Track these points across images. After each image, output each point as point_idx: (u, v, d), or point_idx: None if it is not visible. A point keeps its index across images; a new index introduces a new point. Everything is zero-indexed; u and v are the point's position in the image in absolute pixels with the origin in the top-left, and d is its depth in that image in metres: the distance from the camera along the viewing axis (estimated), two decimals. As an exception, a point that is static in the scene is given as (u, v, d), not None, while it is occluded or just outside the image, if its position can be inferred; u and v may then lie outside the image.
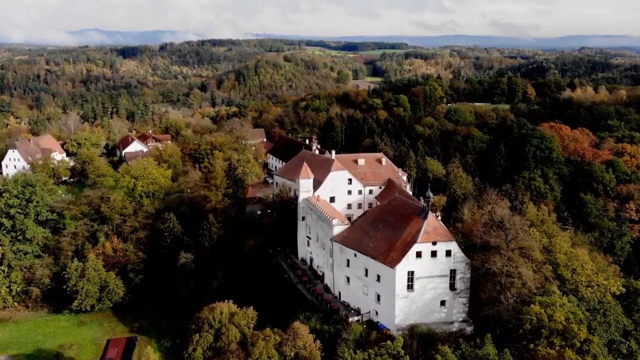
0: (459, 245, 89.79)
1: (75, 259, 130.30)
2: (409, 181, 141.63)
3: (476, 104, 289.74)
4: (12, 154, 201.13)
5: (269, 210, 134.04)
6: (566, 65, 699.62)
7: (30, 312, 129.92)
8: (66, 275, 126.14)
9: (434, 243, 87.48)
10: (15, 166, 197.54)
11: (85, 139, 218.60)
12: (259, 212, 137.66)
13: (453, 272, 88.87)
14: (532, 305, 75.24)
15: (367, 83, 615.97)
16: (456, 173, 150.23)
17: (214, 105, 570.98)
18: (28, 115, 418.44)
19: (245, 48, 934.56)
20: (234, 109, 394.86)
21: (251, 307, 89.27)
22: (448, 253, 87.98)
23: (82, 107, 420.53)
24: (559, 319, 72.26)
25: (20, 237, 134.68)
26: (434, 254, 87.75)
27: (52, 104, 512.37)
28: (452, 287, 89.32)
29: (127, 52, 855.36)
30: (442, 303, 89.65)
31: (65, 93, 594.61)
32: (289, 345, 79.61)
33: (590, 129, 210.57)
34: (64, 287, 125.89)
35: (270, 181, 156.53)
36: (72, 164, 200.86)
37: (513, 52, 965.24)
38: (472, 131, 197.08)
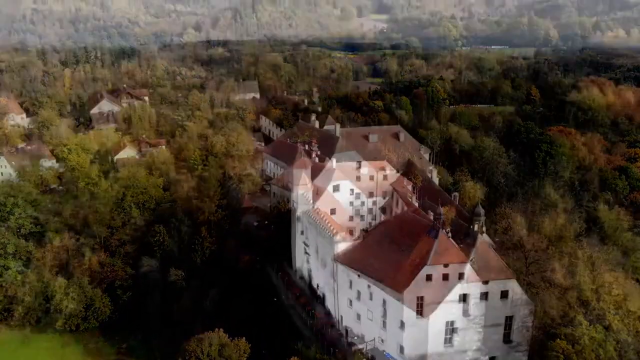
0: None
1: (60, 275, 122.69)
2: (414, 190, 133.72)
3: (480, 106, 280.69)
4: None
5: (265, 222, 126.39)
6: (569, 66, 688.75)
7: (11, 331, 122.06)
8: (50, 293, 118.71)
9: (446, 265, 79.66)
10: (2, 173, 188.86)
11: (76, 145, 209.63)
12: (255, 223, 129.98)
13: (466, 297, 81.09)
14: (557, 340, 67.22)
15: (367, 84, 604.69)
16: (464, 182, 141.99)
17: (212, 106, 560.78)
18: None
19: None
20: (233, 111, 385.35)
21: (243, 338, 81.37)
22: (461, 276, 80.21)
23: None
24: (589, 357, 64.33)
25: (1, 252, 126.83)
26: (445, 277, 79.92)
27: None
28: (465, 313, 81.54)
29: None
30: (455, 330, 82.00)
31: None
32: (285, 383, 71.79)
33: (601, 133, 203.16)
34: (48, 305, 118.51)
35: (268, 188, 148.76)
36: (61, 170, 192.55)
37: (514, 53, 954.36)
38: (478, 136, 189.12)
